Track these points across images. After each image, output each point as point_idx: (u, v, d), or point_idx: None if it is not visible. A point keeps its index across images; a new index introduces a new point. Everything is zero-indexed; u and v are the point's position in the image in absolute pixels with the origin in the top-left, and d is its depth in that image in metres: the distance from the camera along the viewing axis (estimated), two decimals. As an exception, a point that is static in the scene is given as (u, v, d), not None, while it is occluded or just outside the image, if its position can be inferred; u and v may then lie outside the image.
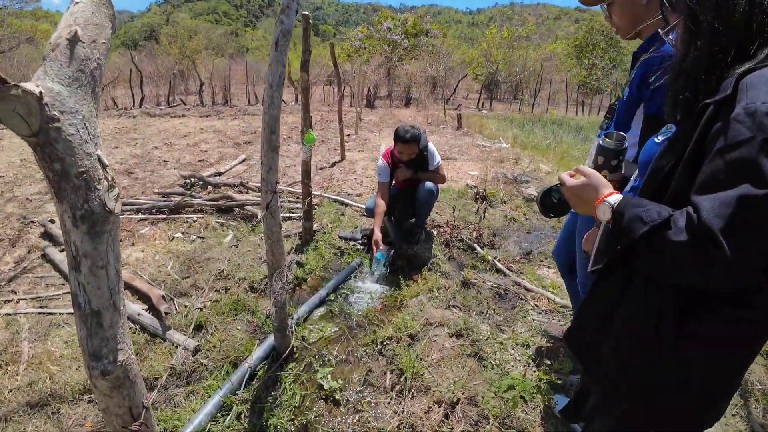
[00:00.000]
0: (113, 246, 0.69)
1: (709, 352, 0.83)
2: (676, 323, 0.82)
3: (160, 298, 2.40)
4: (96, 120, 0.65)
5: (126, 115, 10.61)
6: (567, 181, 0.96)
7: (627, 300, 0.90)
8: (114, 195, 0.67)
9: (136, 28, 70.12)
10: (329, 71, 18.76)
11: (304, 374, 1.94)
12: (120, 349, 0.75)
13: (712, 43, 0.78)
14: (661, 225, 0.73)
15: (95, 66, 0.65)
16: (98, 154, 0.64)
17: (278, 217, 1.74)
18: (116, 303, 0.72)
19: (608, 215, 0.84)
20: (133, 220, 3.79)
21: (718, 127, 0.73)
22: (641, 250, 0.76)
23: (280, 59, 1.42)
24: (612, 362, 0.94)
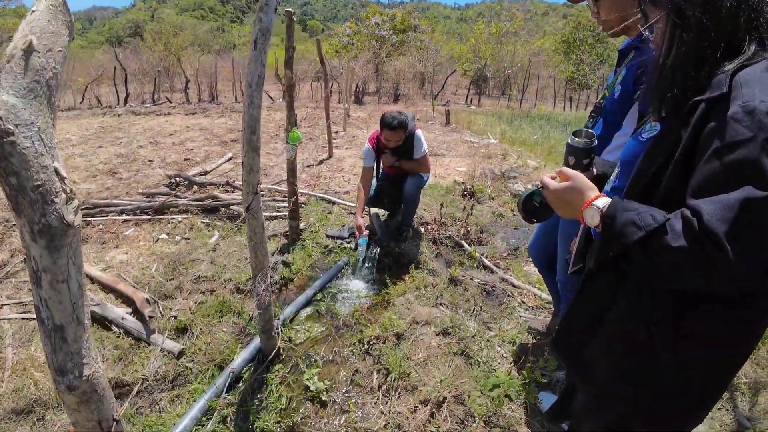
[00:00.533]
0: (74, 259, 0.68)
1: (708, 353, 0.82)
2: (672, 325, 0.81)
3: (143, 302, 2.36)
4: (52, 131, 0.63)
5: (110, 114, 10.42)
6: (550, 185, 0.92)
7: (617, 303, 0.89)
8: (73, 207, 0.65)
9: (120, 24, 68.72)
10: (317, 67, 18.63)
11: (290, 376, 1.93)
12: (85, 364, 0.73)
13: (701, 39, 0.76)
14: (657, 230, 0.70)
15: (51, 75, 0.63)
16: (55, 166, 0.62)
17: (261, 219, 1.72)
18: (80, 317, 0.71)
19: (597, 220, 0.81)
20: (117, 221, 3.73)
21: (713, 126, 0.71)
22: (635, 255, 0.73)
23: (259, 58, 1.39)
24: (603, 366, 0.92)
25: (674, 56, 0.80)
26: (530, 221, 1.10)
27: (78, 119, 9.55)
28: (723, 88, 0.72)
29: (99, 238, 3.41)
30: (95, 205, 3.93)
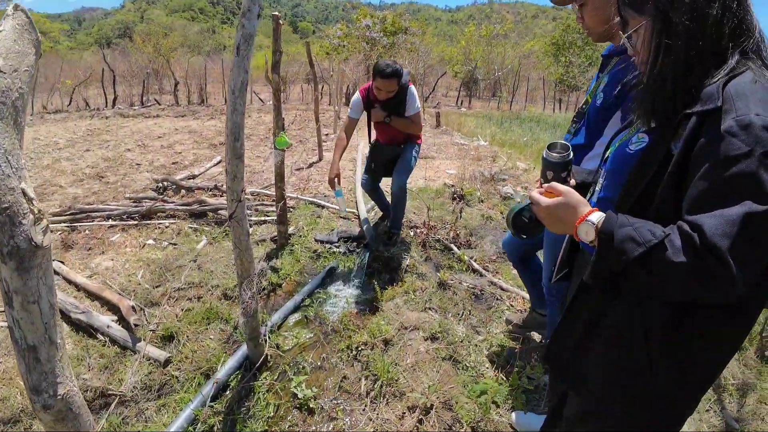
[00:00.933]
0: (45, 279, 0.67)
1: (704, 355, 0.83)
2: (670, 332, 0.82)
3: (129, 309, 2.33)
4: (20, 152, 0.63)
5: (98, 116, 10.30)
6: (542, 201, 0.91)
7: (613, 313, 0.89)
8: (41, 228, 0.65)
9: (109, 25, 67.89)
10: (308, 69, 18.59)
11: (278, 383, 1.92)
12: (60, 383, 0.72)
13: (689, 47, 0.77)
14: (656, 245, 0.70)
15: (17, 96, 0.62)
16: (22, 187, 0.62)
17: (245, 226, 1.71)
18: (52, 337, 0.70)
19: (592, 235, 0.80)
20: (104, 227, 3.68)
21: (708, 140, 0.71)
22: (634, 270, 0.73)
23: (242, 65, 1.39)
24: (599, 375, 0.93)
25: (661, 65, 0.80)
26: (520, 237, 1.08)
27: (65, 122, 9.42)
28: (717, 102, 0.72)
29: (85, 244, 3.37)
30: (81, 210, 3.88)
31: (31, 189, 0.63)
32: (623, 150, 0.93)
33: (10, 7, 0.67)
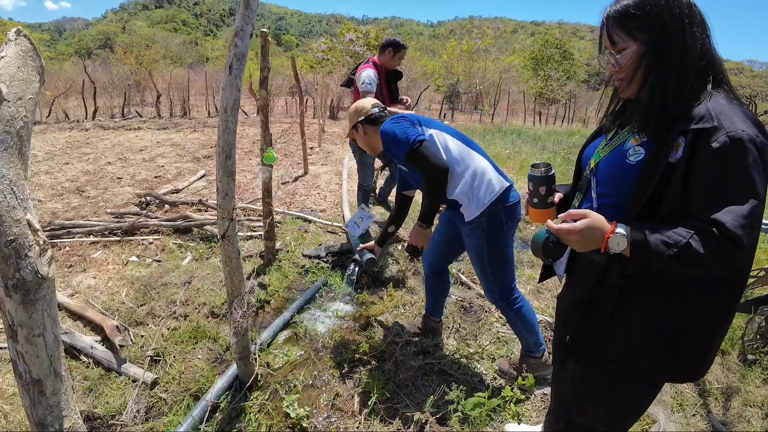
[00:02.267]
0: (49, 311, 0.65)
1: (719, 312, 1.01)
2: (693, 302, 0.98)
3: (113, 329, 2.27)
4: (25, 182, 0.61)
5: (78, 128, 10.09)
6: (574, 227, 0.99)
7: (637, 297, 1.03)
8: (47, 259, 0.63)
9: (90, 36, 66.80)
10: (292, 82, 18.61)
11: (269, 403, 1.88)
12: (65, 416, 0.70)
13: (677, 74, 0.93)
14: (686, 244, 0.88)
15: (22, 125, 0.61)
16: (28, 218, 0.60)
17: (236, 245, 1.70)
18: (57, 370, 0.68)
19: (624, 245, 0.94)
20: (85, 243, 3.59)
21: (708, 153, 0.88)
22: (668, 265, 0.90)
23: (234, 83, 1.39)
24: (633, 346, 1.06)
25: (651, 88, 0.97)
26: (549, 262, 1.20)
27: (44, 134, 9.19)
28: (713, 122, 0.88)
29: (65, 261, 3.28)
30: (61, 226, 3.78)
31: (36, 220, 0.62)
32: (621, 161, 1.04)
33: (12, 32, 0.67)
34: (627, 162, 1.02)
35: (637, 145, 1.01)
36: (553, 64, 28.00)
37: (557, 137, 13.77)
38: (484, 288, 2.09)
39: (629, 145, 1.03)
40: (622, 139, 1.06)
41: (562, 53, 29.24)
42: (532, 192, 1.21)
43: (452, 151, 1.94)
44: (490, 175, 1.91)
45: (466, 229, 1.98)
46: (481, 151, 2.03)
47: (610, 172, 1.08)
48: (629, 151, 1.02)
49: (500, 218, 1.89)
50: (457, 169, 1.91)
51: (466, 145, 1.99)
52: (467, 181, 1.89)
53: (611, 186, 1.07)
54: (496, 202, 1.87)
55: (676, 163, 0.92)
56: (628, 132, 1.06)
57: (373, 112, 2.12)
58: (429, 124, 2.03)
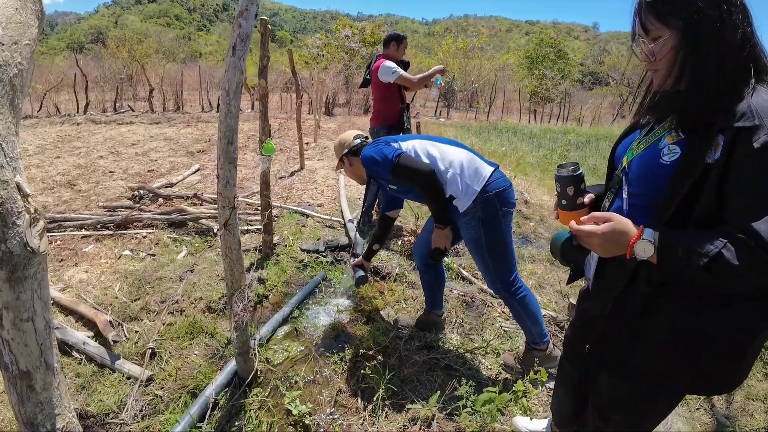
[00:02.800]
0: (40, 292, 0.57)
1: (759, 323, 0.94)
2: (723, 311, 0.92)
3: (107, 325, 2.19)
4: (15, 138, 0.53)
5: (69, 122, 9.91)
6: (596, 230, 0.94)
7: (665, 306, 0.97)
8: (38, 230, 0.56)
9: (82, 30, 65.63)
10: (286, 78, 18.46)
11: (270, 400, 1.82)
12: (58, 415, 0.62)
13: (716, 64, 0.85)
14: (717, 254, 0.80)
15: (16, 72, 0.53)
16: (17, 180, 0.52)
17: (237, 234, 1.63)
18: (48, 361, 0.60)
19: (650, 251, 0.87)
20: (76, 237, 3.49)
21: (748, 153, 0.81)
22: (698, 276, 0.83)
23: (238, 65, 1.32)
24: (657, 358, 1.01)
25: (690, 79, 0.89)
26: (567, 264, 1.14)
27: (35, 128, 9.01)
28: (755, 120, 0.81)
29: (56, 255, 3.18)
30: (52, 219, 3.67)
31: (26, 184, 0.55)
32: (654, 160, 0.97)
33: None
34: (661, 161, 0.95)
35: (672, 143, 0.94)
36: (548, 63, 28.06)
37: (552, 135, 13.81)
38: (486, 279, 2.09)
39: (664, 143, 0.96)
40: (657, 137, 0.99)
41: (557, 52, 29.31)
42: (560, 193, 1.14)
43: (434, 154, 2.02)
44: (475, 164, 1.97)
45: (461, 221, 1.99)
46: (464, 146, 2.10)
47: (642, 171, 1.01)
48: (664, 149, 0.95)
49: (494, 206, 1.91)
50: (441, 166, 1.98)
51: (447, 145, 2.08)
52: (455, 174, 1.95)
53: (643, 186, 1.01)
54: (487, 189, 1.90)
55: (713, 164, 0.84)
56: (663, 129, 0.98)
57: (355, 143, 2.21)
58: (405, 139, 2.13)
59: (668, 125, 0.97)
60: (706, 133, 0.86)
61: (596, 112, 24.03)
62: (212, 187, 5.15)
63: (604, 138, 13.87)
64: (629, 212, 1.02)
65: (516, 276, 2.02)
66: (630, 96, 31.75)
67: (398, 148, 2.02)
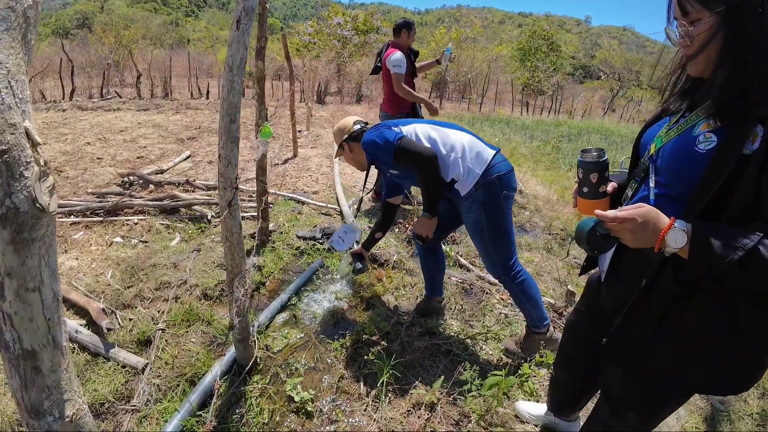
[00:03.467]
0: (48, 258, 0.50)
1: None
2: (753, 313, 0.88)
3: (100, 312, 2.13)
4: (26, 79, 0.48)
5: (55, 109, 9.62)
6: (628, 215, 0.89)
7: (692, 305, 0.94)
8: (47, 186, 0.49)
9: (68, 15, 63.52)
10: (277, 65, 18.16)
11: (271, 387, 1.79)
12: (67, 400, 0.55)
13: (758, 48, 0.80)
14: (753, 248, 0.77)
15: (30, 3, 0.48)
16: (26, 126, 0.47)
17: (238, 217, 1.58)
18: (56, 338, 0.53)
19: (681, 243, 0.84)
20: (65, 223, 3.39)
21: None
22: (732, 271, 0.79)
23: (242, 40, 1.26)
24: (676, 360, 0.99)
25: (730, 64, 0.83)
26: (593, 253, 1.09)
27: (15, 114, 8.74)
28: None
29: (44, 242, 3.09)
30: (38, 206, 3.56)
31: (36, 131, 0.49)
32: (688, 148, 0.92)
33: None
34: (696, 150, 0.89)
35: (708, 131, 0.88)
36: (541, 55, 28.01)
37: (545, 127, 13.83)
38: (485, 263, 2.08)
39: (699, 131, 0.91)
40: (691, 123, 0.94)
41: (549, 45, 29.26)
42: (582, 180, 1.09)
43: (435, 137, 1.99)
44: (477, 147, 1.95)
45: (463, 205, 1.98)
46: (465, 130, 2.07)
47: (673, 159, 0.95)
48: (699, 137, 0.90)
49: (496, 189, 1.89)
50: (443, 150, 1.95)
51: (448, 128, 2.04)
52: (456, 158, 1.92)
53: (673, 176, 0.95)
54: (488, 173, 1.88)
55: (751, 155, 0.80)
56: (698, 116, 0.93)
57: (356, 129, 2.18)
58: (407, 123, 2.09)
59: (703, 113, 0.92)
60: (745, 123, 0.82)
61: (587, 105, 24.09)
62: (204, 174, 5.05)
63: (595, 131, 13.95)
64: (656, 202, 0.97)
65: (516, 260, 2.01)
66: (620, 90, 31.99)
67: (399, 132, 1.99)
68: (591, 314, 1.31)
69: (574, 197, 1.17)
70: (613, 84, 33.25)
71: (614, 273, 1.17)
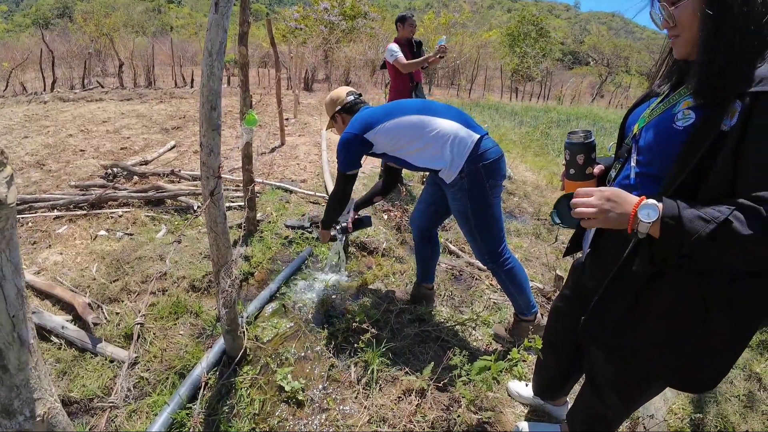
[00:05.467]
0: (9, 253, 0.48)
1: (759, 309, 0.89)
2: (728, 296, 0.87)
3: (86, 307, 2.10)
4: None
5: (36, 101, 9.35)
6: (592, 190, 0.90)
7: (664, 286, 0.93)
8: (5, 177, 0.47)
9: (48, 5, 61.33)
10: (263, 52, 17.82)
11: (261, 377, 1.78)
12: (38, 399, 0.54)
13: (740, 28, 0.80)
14: (725, 221, 0.76)
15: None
16: None
17: (222, 207, 1.56)
18: (22, 336, 0.51)
19: (653, 216, 0.83)
20: (48, 218, 3.32)
21: None
22: (703, 247, 0.78)
23: (221, 23, 1.22)
24: (650, 341, 0.98)
25: (713, 44, 0.83)
26: (556, 222, 1.10)
27: (1, 108, 8.48)
28: None
29: (28, 238, 3.02)
30: (22, 200, 3.48)
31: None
32: (667, 126, 0.92)
33: None
34: (674, 127, 0.90)
35: (687, 108, 0.89)
36: (530, 41, 27.89)
37: (534, 113, 13.84)
38: (473, 250, 2.06)
39: (679, 108, 0.91)
40: (672, 102, 0.94)
41: (539, 30, 29.13)
42: (569, 162, 1.09)
43: (409, 128, 1.92)
44: (458, 134, 1.88)
45: (449, 192, 1.96)
46: (453, 113, 1.97)
47: (653, 138, 0.96)
48: (678, 114, 0.90)
49: (480, 177, 1.86)
50: (420, 144, 1.89)
51: (428, 115, 1.94)
52: (439, 148, 1.87)
53: (653, 154, 0.95)
54: (473, 161, 1.83)
55: (729, 131, 0.79)
56: (680, 95, 0.93)
57: (348, 100, 2.14)
58: (393, 113, 1.97)
59: (684, 91, 0.92)
60: (723, 99, 0.82)
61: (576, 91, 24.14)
62: (190, 164, 4.97)
63: (584, 117, 13.99)
64: (637, 182, 0.97)
65: (504, 247, 2.00)
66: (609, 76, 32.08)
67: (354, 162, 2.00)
68: (576, 298, 1.32)
69: (561, 180, 1.17)
70: (601, 70, 33.31)
71: (595, 254, 1.17)
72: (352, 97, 2.14)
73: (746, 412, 1.92)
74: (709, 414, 1.86)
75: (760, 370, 2.12)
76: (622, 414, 1.25)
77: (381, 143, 1.96)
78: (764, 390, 2.05)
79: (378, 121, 1.95)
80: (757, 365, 2.16)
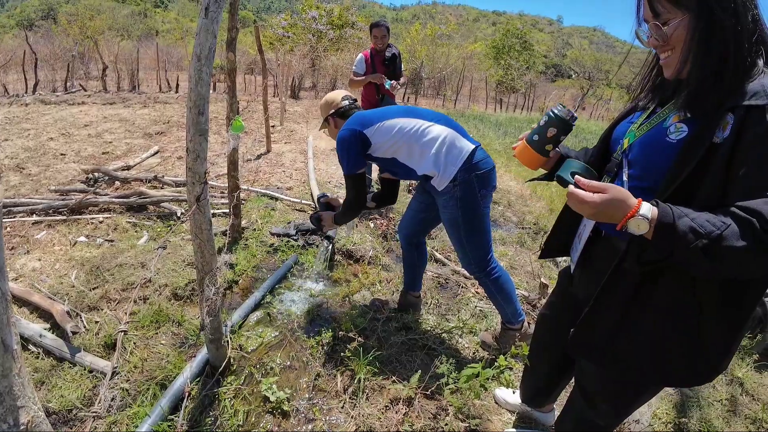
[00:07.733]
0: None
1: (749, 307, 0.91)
2: (721, 303, 0.89)
3: (64, 315, 2.03)
4: None
5: (17, 103, 9.11)
6: (587, 198, 0.88)
7: (657, 294, 0.94)
8: None
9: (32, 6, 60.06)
10: (250, 59, 17.75)
11: (245, 388, 1.75)
12: (21, 407, 0.51)
13: (731, 46, 0.82)
14: (719, 235, 0.76)
15: None
16: None
17: (208, 213, 1.54)
18: (6, 341, 0.49)
19: (645, 228, 0.83)
20: (27, 223, 3.23)
21: (761, 131, 0.78)
22: (696, 258, 0.78)
23: (211, 28, 1.22)
24: (643, 350, 0.99)
25: (704, 60, 0.85)
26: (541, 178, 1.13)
27: (-20, 110, 8.24)
28: (766, 99, 0.79)
29: (6, 243, 2.92)
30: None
31: None
32: (659, 139, 0.93)
33: None
34: (667, 140, 0.91)
35: (679, 122, 0.90)
36: (514, 53, 28.48)
37: (518, 124, 14.06)
38: (460, 259, 2.07)
39: (670, 122, 0.92)
40: (662, 117, 0.95)
41: (523, 44, 29.79)
42: (539, 128, 1.09)
43: (407, 126, 1.93)
44: (453, 141, 1.90)
45: (440, 200, 1.96)
46: (445, 120, 1.99)
47: (646, 152, 0.97)
48: (670, 128, 0.91)
49: (473, 187, 1.87)
50: (416, 146, 1.91)
51: (429, 121, 1.96)
52: (431, 154, 1.88)
53: (646, 168, 0.97)
54: (467, 170, 1.85)
55: (721, 143, 0.81)
56: (669, 110, 0.95)
57: (343, 105, 2.13)
58: (383, 115, 1.99)
59: (673, 106, 0.94)
60: (716, 113, 0.84)
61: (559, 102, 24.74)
62: (173, 170, 4.90)
63: (566, 127, 14.27)
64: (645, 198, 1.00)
65: (491, 257, 2.01)
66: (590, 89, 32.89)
67: (359, 160, 1.98)
68: (563, 305, 1.34)
69: (519, 140, 1.18)
70: (583, 83, 34.15)
71: (585, 264, 1.19)
72: (348, 101, 2.13)
73: (729, 416, 1.96)
74: (692, 418, 1.90)
75: (741, 375, 2.17)
76: (614, 422, 1.26)
77: (378, 142, 1.94)
78: (746, 394, 2.10)
79: (376, 119, 1.97)
80: (738, 370, 2.21)
